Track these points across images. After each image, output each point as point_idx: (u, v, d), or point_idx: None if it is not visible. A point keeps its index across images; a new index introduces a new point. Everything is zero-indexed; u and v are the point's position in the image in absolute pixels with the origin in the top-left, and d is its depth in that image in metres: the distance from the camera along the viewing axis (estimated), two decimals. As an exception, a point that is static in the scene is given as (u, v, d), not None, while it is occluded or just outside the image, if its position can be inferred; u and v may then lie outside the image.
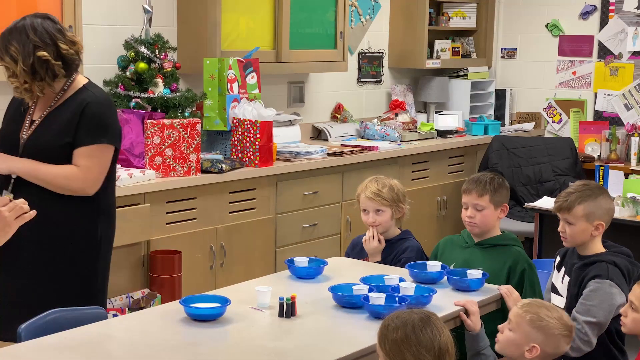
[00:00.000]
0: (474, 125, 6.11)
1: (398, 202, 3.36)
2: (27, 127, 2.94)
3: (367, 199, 3.36)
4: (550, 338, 2.39)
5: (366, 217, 3.38)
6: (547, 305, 2.45)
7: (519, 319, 2.43)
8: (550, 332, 2.39)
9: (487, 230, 3.29)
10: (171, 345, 2.41)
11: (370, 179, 3.42)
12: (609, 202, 3.00)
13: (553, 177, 5.68)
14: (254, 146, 4.39)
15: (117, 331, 2.54)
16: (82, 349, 2.37)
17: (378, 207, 3.35)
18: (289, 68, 5.00)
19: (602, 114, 6.26)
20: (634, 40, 6.08)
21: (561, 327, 2.41)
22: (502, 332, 2.49)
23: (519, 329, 2.43)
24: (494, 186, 3.26)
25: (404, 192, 3.42)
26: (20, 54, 2.83)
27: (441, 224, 5.63)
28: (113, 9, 4.39)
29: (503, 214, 3.29)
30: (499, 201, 3.26)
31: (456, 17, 6.37)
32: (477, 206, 3.24)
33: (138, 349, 2.39)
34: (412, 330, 2.05)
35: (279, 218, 4.56)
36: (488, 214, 3.25)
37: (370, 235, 3.34)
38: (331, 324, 2.63)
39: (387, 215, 3.35)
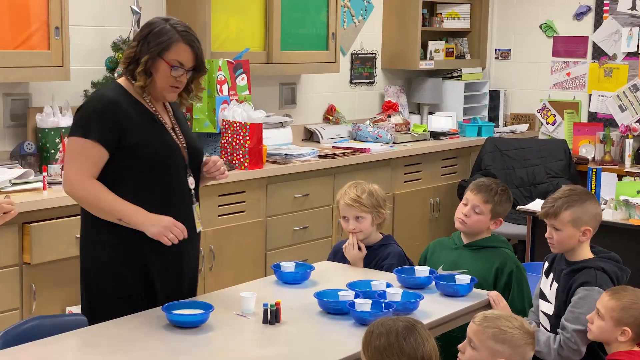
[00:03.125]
0: (468, 126, 6.07)
1: (378, 208, 3.30)
2: (173, 133, 2.81)
3: (346, 205, 3.30)
4: (516, 349, 2.31)
5: (346, 225, 3.33)
6: (504, 316, 2.37)
7: (481, 336, 2.33)
8: (515, 343, 2.31)
9: (474, 233, 3.28)
10: (153, 353, 2.37)
11: (350, 185, 3.36)
12: (595, 207, 2.96)
13: (546, 179, 5.65)
14: (244, 148, 4.35)
15: (98, 339, 2.49)
16: (61, 357, 2.33)
17: (358, 214, 3.29)
18: (280, 69, 4.96)
19: (596, 116, 6.23)
20: (628, 41, 6.04)
21: (525, 337, 2.33)
22: (464, 352, 2.37)
23: (483, 346, 2.33)
24: (502, 199, 3.27)
25: (384, 196, 3.37)
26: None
27: (434, 226, 5.59)
28: (101, 10, 4.35)
29: (495, 226, 3.31)
30: (498, 214, 3.28)
31: (450, 17, 6.33)
32: (477, 208, 3.25)
33: (119, 356, 2.35)
34: (395, 339, 2.01)
35: (269, 221, 4.52)
36: (482, 220, 3.26)
37: (350, 243, 3.29)
38: (316, 331, 2.59)
39: (367, 221, 3.30)
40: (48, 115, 3.97)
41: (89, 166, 2.67)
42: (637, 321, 2.66)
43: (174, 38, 2.70)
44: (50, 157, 3.94)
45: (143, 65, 2.68)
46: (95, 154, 2.66)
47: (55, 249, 3.52)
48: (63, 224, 3.55)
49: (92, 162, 2.67)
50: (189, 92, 2.82)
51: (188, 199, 2.82)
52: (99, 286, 2.74)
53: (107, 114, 2.67)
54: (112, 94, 2.72)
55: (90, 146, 2.66)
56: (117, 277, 2.72)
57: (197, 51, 2.74)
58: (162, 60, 2.70)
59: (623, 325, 2.66)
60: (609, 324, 2.67)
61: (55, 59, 3.78)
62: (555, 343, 2.83)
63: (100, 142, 2.66)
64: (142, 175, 2.71)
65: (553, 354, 2.82)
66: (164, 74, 2.71)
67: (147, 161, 2.71)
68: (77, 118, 2.72)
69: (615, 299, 2.67)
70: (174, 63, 2.70)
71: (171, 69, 2.70)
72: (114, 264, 2.72)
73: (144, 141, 2.71)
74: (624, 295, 2.67)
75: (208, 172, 2.95)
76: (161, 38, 2.69)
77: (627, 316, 2.65)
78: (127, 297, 2.71)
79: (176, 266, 2.80)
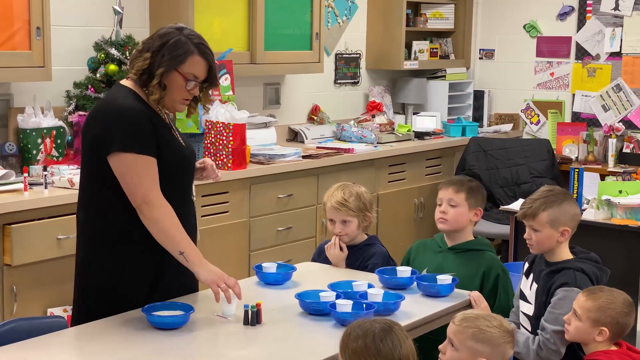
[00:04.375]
0: (452, 126, 6.08)
1: (365, 211, 3.29)
2: (182, 141, 2.80)
3: (333, 209, 3.29)
4: (496, 348, 2.32)
5: (332, 227, 3.32)
6: (483, 315, 2.38)
7: (460, 336, 2.33)
8: (495, 342, 2.32)
9: (457, 230, 3.27)
10: (133, 354, 2.36)
11: (337, 187, 3.35)
12: (574, 208, 2.97)
13: (530, 178, 5.67)
14: (227, 149, 4.34)
15: (77, 340, 2.48)
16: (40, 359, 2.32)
17: (344, 218, 3.27)
18: (264, 70, 4.95)
19: (579, 115, 6.25)
20: (611, 42, 6.07)
21: (505, 335, 2.34)
22: (445, 352, 2.38)
23: (463, 347, 2.33)
24: (472, 186, 3.29)
25: (370, 199, 3.36)
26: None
27: (418, 226, 5.60)
28: (83, 10, 4.33)
29: (476, 217, 3.28)
30: (474, 203, 3.26)
31: (434, 18, 6.34)
32: (452, 201, 3.25)
33: (97, 358, 2.34)
34: (372, 341, 2.01)
35: (253, 221, 4.52)
36: (461, 212, 3.24)
37: (332, 243, 3.29)
38: (297, 332, 2.59)
39: (353, 225, 3.29)
40: (29, 115, 3.95)
41: (156, 180, 2.61)
42: (614, 321, 2.67)
43: (190, 51, 2.65)
44: (31, 157, 3.92)
45: (158, 78, 2.63)
46: (155, 167, 2.62)
47: (37, 250, 3.50)
48: (44, 225, 3.53)
49: (156, 175, 2.62)
50: (196, 101, 2.78)
51: (193, 209, 2.82)
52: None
53: (146, 125, 2.62)
54: (140, 105, 2.65)
55: (151, 162, 2.60)
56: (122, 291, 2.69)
57: (211, 64, 2.70)
58: (177, 73, 2.65)
59: (600, 326, 2.67)
60: (586, 324, 2.68)
61: (36, 59, 3.76)
62: (534, 344, 2.84)
63: (154, 155, 2.62)
64: (163, 191, 2.65)
65: (532, 354, 2.82)
66: (179, 86, 2.66)
67: (169, 175, 2.68)
68: (122, 133, 2.58)
69: (591, 299, 2.68)
70: (189, 77, 2.66)
71: (186, 83, 2.66)
72: (123, 284, 2.68)
73: (169, 154, 2.68)
74: (600, 296, 2.68)
75: (207, 176, 2.96)
76: (177, 51, 2.63)
77: (604, 316, 2.67)
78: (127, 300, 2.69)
79: (186, 282, 2.81)
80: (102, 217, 2.68)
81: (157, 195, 2.60)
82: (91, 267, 2.71)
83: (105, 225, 2.68)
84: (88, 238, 2.73)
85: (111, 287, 2.68)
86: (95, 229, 2.70)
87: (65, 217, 3.58)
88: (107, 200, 2.66)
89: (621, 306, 2.69)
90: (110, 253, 2.67)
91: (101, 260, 2.68)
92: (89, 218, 2.72)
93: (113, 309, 2.64)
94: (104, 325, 2.55)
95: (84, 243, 2.75)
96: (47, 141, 3.96)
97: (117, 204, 2.64)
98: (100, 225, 2.69)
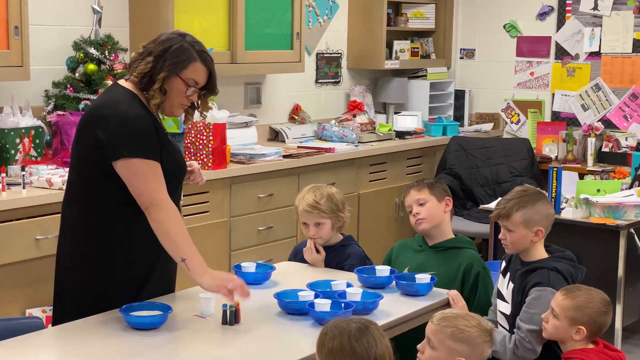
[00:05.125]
0: (433, 126, 6.10)
1: (337, 212, 3.28)
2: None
3: (305, 212, 3.27)
4: (474, 348, 2.33)
5: (306, 231, 3.30)
6: (462, 314, 2.39)
7: (439, 335, 2.34)
8: (473, 342, 2.33)
9: (436, 225, 3.28)
10: (110, 355, 2.36)
11: (308, 189, 3.32)
12: (547, 208, 2.98)
13: (510, 177, 5.70)
14: (207, 148, 4.34)
15: (54, 341, 2.47)
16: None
17: (317, 220, 3.26)
18: (245, 69, 4.95)
19: (559, 115, 6.29)
20: (590, 41, 6.11)
21: (483, 335, 2.35)
22: (423, 352, 2.38)
23: (442, 346, 2.34)
24: (429, 182, 3.34)
25: (342, 199, 3.33)
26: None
27: (399, 226, 5.61)
28: (61, 9, 4.31)
29: (448, 207, 3.30)
30: (439, 194, 3.29)
31: (415, 17, 6.36)
32: (419, 201, 3.28)
33: (75, 359, 2.33)
34: (347, 340, 2.02)
35: (233, 221, 4.51)
36: (432, 206, 3.27)
37: (308, 247, 3.29)
38: (275, 331, 2.59)
39: (327, 227, 3.27)
40: (7, 115, 3.92)
41: (163, 184, 2.63)
42: (591, 320, 2.70)
43: (192, 57, 2.68)
44: (9, 157, 3.89)
45: (160, 82, 2.65)
46: (160, 172, 2.63)
47: (15, 250, 3.48)
48: (22, 226, 3.51)
49: (162, 179, 2.63)
50: (194, 108, 2.81)
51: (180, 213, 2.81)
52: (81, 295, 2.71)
53: (152, 131, 2.64)
54: (143, 110, 2.67)
55: (157, 166, 2.62)
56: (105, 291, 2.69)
57: (212, 71, 2.74)
58: (179, 78, 2.67)
59: (578, 324, 2.69)
60: (563, 323, 2.71)
61: (14, 58, 3.73)
62: (510, 342, 2.86)
63: (158, 160, 2.63)
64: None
65: (509, 353, 2.84)
66: (179, 92, 2.68)
67: (168, 180, 2.68)
68: (127, 139, 2.58)
69: (569, 298, 2.70)
70: (190, 82, 2.68)
71: (187, 88, 2.68)
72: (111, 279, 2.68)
73: (169, 159, 2.69)
74: (578, 295, 2.71)
75: (193, 180, 2.99)
76: (180, 57, 2.66)
77: (581, 315, 2.69)
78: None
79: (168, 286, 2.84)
80: (95, 217, 2.69)
81: (164, 198, 2.62)
82: (78, 265, 2.71)
83: (97, 226, 2.69)
84: (77, 236, 2.73)
85: (98, 286, 2.68)
86: (86, 228, 2.70)
87: (44, 218, 3.56)
88: (103, 201, 2.67)
89: (599, 305, 2.71)
90: (100, 253, 2.68)
91: (90, 259, 2.69)
92: (79, 216, 2.72)
93: (97, 308, 2.64)
94: (82, 326, 2.55)
95: (71, 241, 2.74)
96: (26, 141, 3.93)
97: (113, 206, 2.66)
98: (92, 225, 2.69)
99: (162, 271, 2.79)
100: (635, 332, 4.66)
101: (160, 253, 2.67)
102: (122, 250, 2.68)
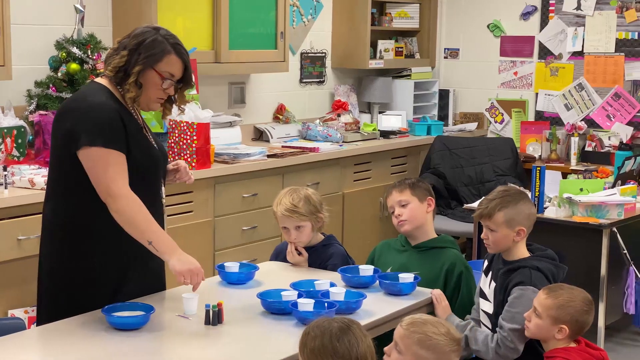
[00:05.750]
0: (417, 125, 6.11)
1: (316, 213, 3.26)
2: (155, 143, 2.80)
3: (284, 216, 3.24)
4: (441, 356, 2.29)
5: (287, 235, 3.28)
6: (431, 321, 2.36)
7: (407, 340, 2.30)
8: (440, 350, 2.29)
9: (419, 226, 3.28)
10: (92, 356, 2.34)
11: (284, 193, 3.30)
12: (529, 207, 2.99)
13: (494, 177, 5.71)
14: (191, 148, 4.33)
15: (35, 342, 2.46)
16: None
17: (297, 224, 3.24)
18: (229, 69, 4.94)
19: (543, 114, 6.31)
20: (573, 41, 6.14)
21: (450, 343, 2.31)
22: (390, 354, 2.35)
23: (408, 351, 2.30)
24: (411, 182, 3.33)
25: (320, 200, 3.32)
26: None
27: (384, 225, 5.61)
28: (44, 8, 4.28)
29: (430, 207, 3.30)
30: (421, 194, 3.28)
31: (399, 17, 6.36)
32: (401, 202, 3.27)
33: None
34: (329, 340, 2.02)
35: (218, 221, 4.50)
36: (414, 208, 3.26)
37: (290, 251, 3.28)
38: (258, 331, 2.59)
39: (307, 229, 3.26)
40: (-11, 115, 3.90)
41: (123, 173, 2.61)
42: (573, 319, 2.71)
43: (166, 50, 2.68)
44: (-9, 157, 3.87)
45: (135, 76, 2.65)
46: (122, 161, 2.62)
47: (-3, 251, 3.47)
48: (4, 226, 3.49)
49: (123, 169, 2.61)
50: (171, 103, 2.80)
51: (161, 210, 2.81)
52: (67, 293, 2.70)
53: (115, 122, 2.63)
54: (111, 101, 2.66)
55: (116, 155, 2.60)
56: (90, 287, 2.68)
57: (187, 64, 2.73)
58: (153, 71, 2.67)
59: (560, 323, 2.71)
60: (546, 322, 2.72)
61: (-4, 58, 3.72)
62: (493, 342, 2.86)
63: (121, 149, 2.62)
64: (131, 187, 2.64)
65: (491, 352, 2.85)
66: (155, 85, 2.68)
67: (137, 172, 2.67)
68: (89, 128, 2.59)
69: (552, 297, 2.71)
70: (166, 75, 2.68)
71: (162, 81, 2.68)
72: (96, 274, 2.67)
73: (138, 151, 2.68)
74: (560, 294, 2.72)
75: (180, 178, 2.96)
76: (154, 50, 2.67)
77: (563, 314, 2.70)
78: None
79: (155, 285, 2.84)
80: (72, 213, 2.68)
81: (120, 187, 2.60)
82: (57, 264, 2.69)
83: (73, 222, 2.68)
84: (55, 234, 2.72)
85: (78, 285, 2.67)
86: (63, 225, 2.69)
87: (26, 218, 3.54)
88: (79, 197, 2.66)
89: (581, 304, 2.73)
90: (81, 251, 2.67)
91: (69, 256, 2.68)
92: (55, 213, 2.71)
93: (80, 307, 2.63)
94: (64, 327, 2.53)
95: (49, 239, 2.74)
96: (8, 141, 3.91)
97: (90, 201, 2.64)
98: (69, 221, 2.68)
99: (146, 266, 2.77)
100: (618, 331, 4.69)
101: (142, 248, 2.65)
102: (102, 247, 2.67)
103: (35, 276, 2.81)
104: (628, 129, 5.94)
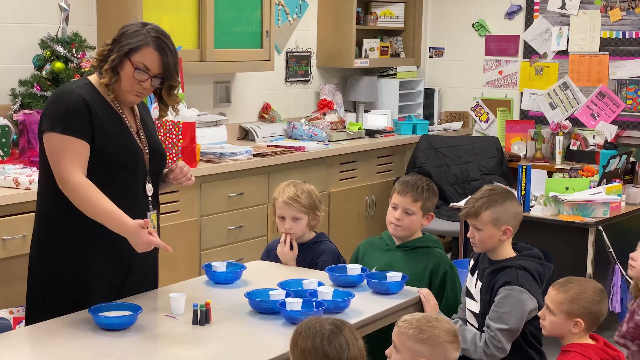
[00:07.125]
0: (403, 124, 6.11)
1: (315, 209, 3.29)
2: (137, 138, 2.76)
3: (285, 204, 3.27)
4: (437, 348, 2.28)
5: (282, 224, 3.30)
6: (425, 317, 2.36)
7: (400, 337, 2.30)
8: (435, 342, 2.28)
9: (410, 235, 3.28)
10: (78, 356, 2.32)
11: (287, 183, 3.34)
12: (515, 207, 2.99)
13: (480, 176, 5.73)
14: (177, 147, 4.31)
15: (21, 342, 2.44)
16: (-17, 362, 2.27)
17: (295, 214, 3.26)
18: (214, 67, 4.92)
19: (527, 113, 6.33)
20: (558, 40, 6.16)
21: (445, 335, 2.30)
22: (390, 356, 2.35)
23: (404, 348, 2.30)
24: (430, 194, 3.27)
25: (320, 198, 3.35)
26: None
27: (369, 224, 5.61)
28: (27, 6, 4.25)
29: (427, 221, 3.30)
30: (428, 209, 3.28)
31: (384, 16, 6.37)
32: (408, 210, 3.22)
33: (43, 361, 2.30)
34: (320, 343, 2.01)
35: (204, 220, 4.49)
36: (416, 220, 3.24)
37: (282, 241, 3.28)
38: (246, 331, 2.58)
39: (303, 222, 3.28)
40: (-27, 114, 3.87)
41: (78, 160, 2.60)
42: (587, 311, 2.66)
43: (144, 41, 2.68)
44: (-25, 157, 3.84)
45: (110, 63, 2.67)
46: (80, 148, 2.61)
47: (-19, 251, 3.43)
48: (-11, 226, 3.47)
49: (79, 156, 2.61)
50: (165, 103, 2.79)
51: (144, 207, 2.78)
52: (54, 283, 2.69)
53: (80, 110, 2.63)
54: (82, 90, 2.67)
55: (73, 141, 2.60)
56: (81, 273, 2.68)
57: (166, 59, 2.70)
58: (128, 61, 2.67)
59: (574, 317, 2.66)
60: (560, 317, 2.67)
61: (-21, 56, 3.69)
62: (480, 341, 2.86)
63: (81, 137, 2.61)
64: (100, 178, 2.63)
65: (479, 351, 2.85)
66: (128, 75, 2.68)
67: (107, 164, 2.67)
68: (52, 114, 2.64)
69: (562, 291, 2.67)
70: (139, 65, 2.67)
71: (134, 71, 2.67)
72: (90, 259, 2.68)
73: (108, 143, 2.67)
74: (570, 287, 2.68)
75: (175, 178, 2.95)
76: (132, 39, 2.68)
77: (577, 307, 2.65)
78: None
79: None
80: (61, 212, 2.67)
81: (71, 174, 2.59)
82: (52, 263, 2.69)
83: (64, 220, 2.67)
84: (41, 232, 2.72)
85: (69, 285, 2.67)
86: (54, 224, 2.69)
87: (11, 218, 3.51)
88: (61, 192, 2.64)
89: (592, 295, 2.68)
90: (71, 249, 2.67)
91: (62, 256, 2.68)
92: (49, 214, 2.71)
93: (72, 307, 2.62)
94: (50, 327, 2.51)
95: (44, 240, 2.72)
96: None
97: None
98: (62, 220, 2.68)
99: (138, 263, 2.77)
100: (604, 329, 4.69)
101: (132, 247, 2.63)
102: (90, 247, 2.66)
103: (20, 276, 2.78)
104: (612, 128, 5.97)
